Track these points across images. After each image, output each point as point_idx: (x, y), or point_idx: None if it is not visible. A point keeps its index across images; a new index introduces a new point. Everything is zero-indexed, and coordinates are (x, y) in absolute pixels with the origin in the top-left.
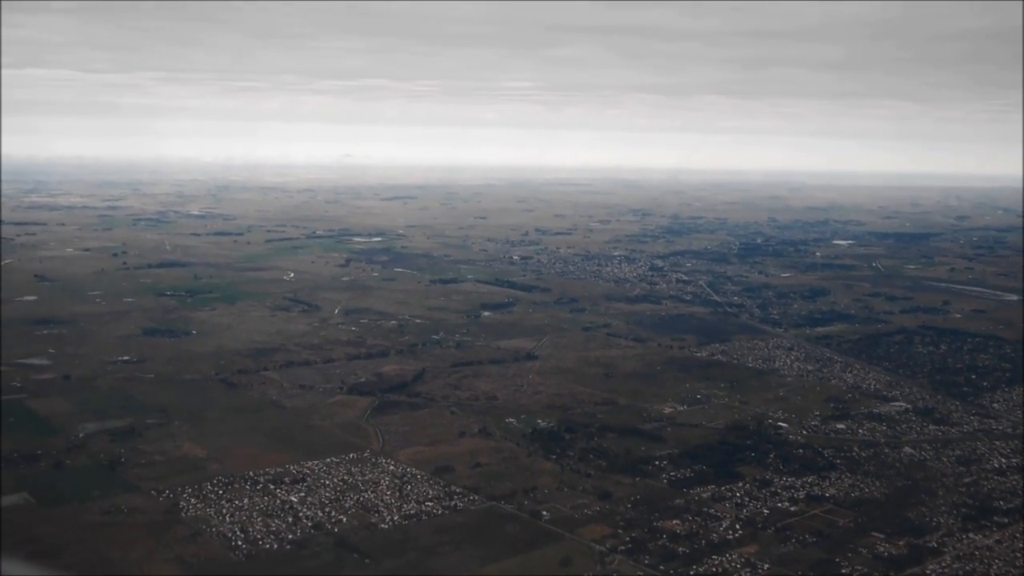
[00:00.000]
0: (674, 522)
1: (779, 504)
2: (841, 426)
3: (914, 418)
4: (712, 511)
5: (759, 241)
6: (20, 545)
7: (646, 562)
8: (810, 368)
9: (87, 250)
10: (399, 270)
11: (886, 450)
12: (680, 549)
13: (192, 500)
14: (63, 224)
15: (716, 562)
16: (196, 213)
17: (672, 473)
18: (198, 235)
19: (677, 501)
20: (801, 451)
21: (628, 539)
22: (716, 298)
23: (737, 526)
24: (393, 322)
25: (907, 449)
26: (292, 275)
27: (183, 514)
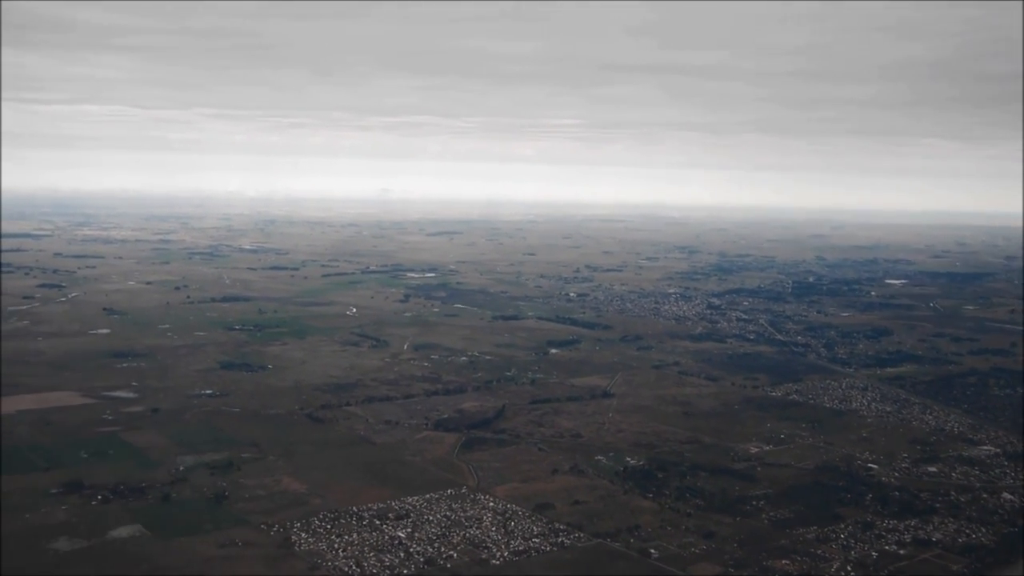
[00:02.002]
0: (783, 562)
1: (886, 547)
2: (933, 469)
3: (1006, 462)
4: (819, 552)
5: (811, 280)
6: None
7: None
8: (888, 409)
9: (149, 283)
10: (459, 306)
11: (984, 495)
12: None
13: (303, 534)
14: (120, 257)
15: None
16: (248, 247)
17: (772, 513)
18: (254, 269)
19: (782, 541)
20: (897, 494)
21: None
22: (780, 337)
23: (848, 568)
24: (464, 358)
25: (1006, 495)
26: (354, 310)
27: (296, 548)
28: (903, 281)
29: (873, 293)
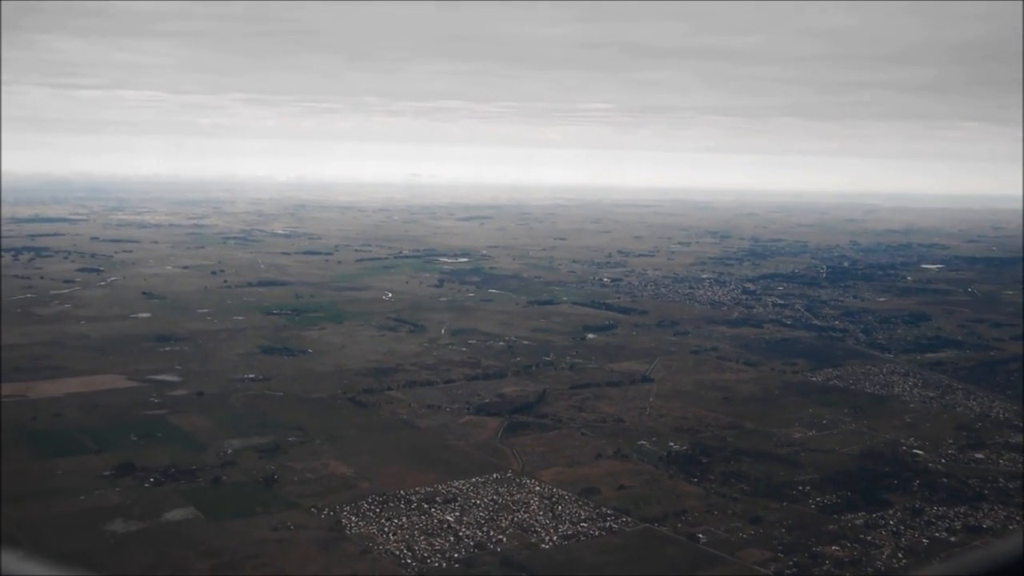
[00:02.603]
0: (833, 548)
1: (936, 534)
2: (980, 456)
3: None
4: (869, 538)
5: (846, 265)
6: (200, 558)
7: None
8: (931, 395)
9: (186, 268)
10: (493, 291)
11: None
12: (847, 575)
13: (353, 518)
14: (156, 242)
15: None
16: (280, 232)
17: (818, 498)
18: (288, 254)
19: (830, 527)
20: (945, 480)
21: (792, 563)
22: (817, 322)
23: (900, 555)
24: (501, 343)
25: None
26: (390, 295)
27: (347, 531)
28: (939, 266)
29: (909, 278)
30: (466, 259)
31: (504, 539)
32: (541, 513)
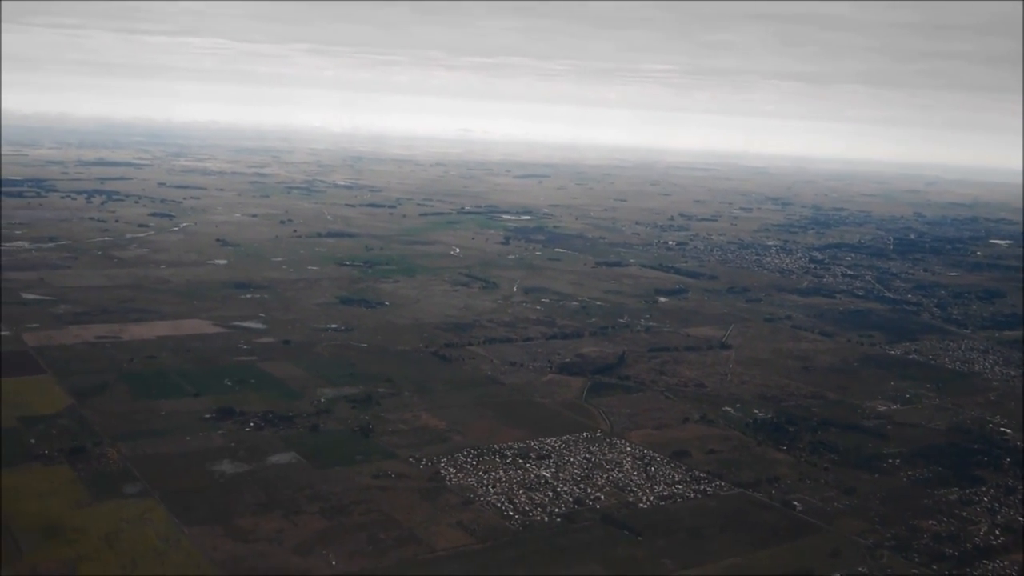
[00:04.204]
0: (930, 522)
1: None
2: None
3: None
4: (964, 514)
5: (912, 237)
6: (309, 501)
7: (916, 560)
8: (1013, 373)
9: (254, 216)
10: (559, 250)
11: None
12: (946, 550)
13: (451, 469)
14: (221, 189)
15: (989, 568)
16: (342, 183)
17: (910, 472)
18: (352, 206)
19: (925, 502)
20: None
21: (890, 536)
22: (889, 295)
23: (996, 532)
24: (574, 303)
25: None
26: (458, 250)
27: (447, 482)
28: (1008, 241)
29: (979, 253)
30: (528, 217)
31: (602, 497)
32: (635, 473)
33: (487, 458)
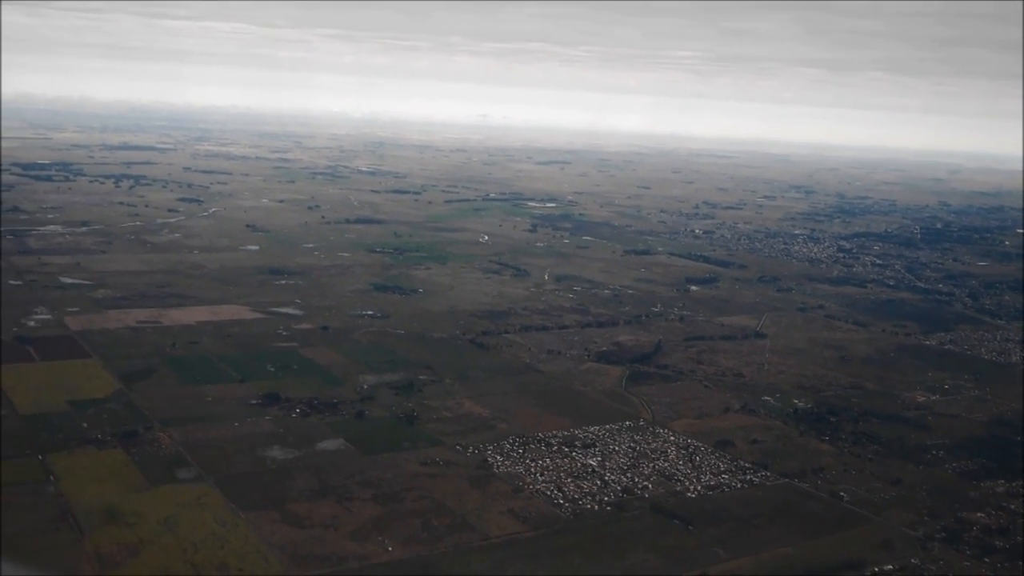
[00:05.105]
0: (978, 515)
1: None
2: None
3: None
4: (1012, 507)
5: (939, 226)
6: (362, 487)
7: (967, 553)
8: None
9: (281, 202)
10: (587, 238)
11: None
12: (997, 543)
13: (498, 457)
14: (247, 175)
15: None
16: (365, 169)
17: (954, 464)
18: (377, 192)
19: (971, 494)
20: None
21: (939, 528)
22: (920, 284)
23: None
24: (606, 291)
25: None
26: (486, 238)
27: (495, 469)
28: None
29: (1007, 243)
30: (553, 204)
31: (650, 486)
32: (681, 462)
33: (533, 446)
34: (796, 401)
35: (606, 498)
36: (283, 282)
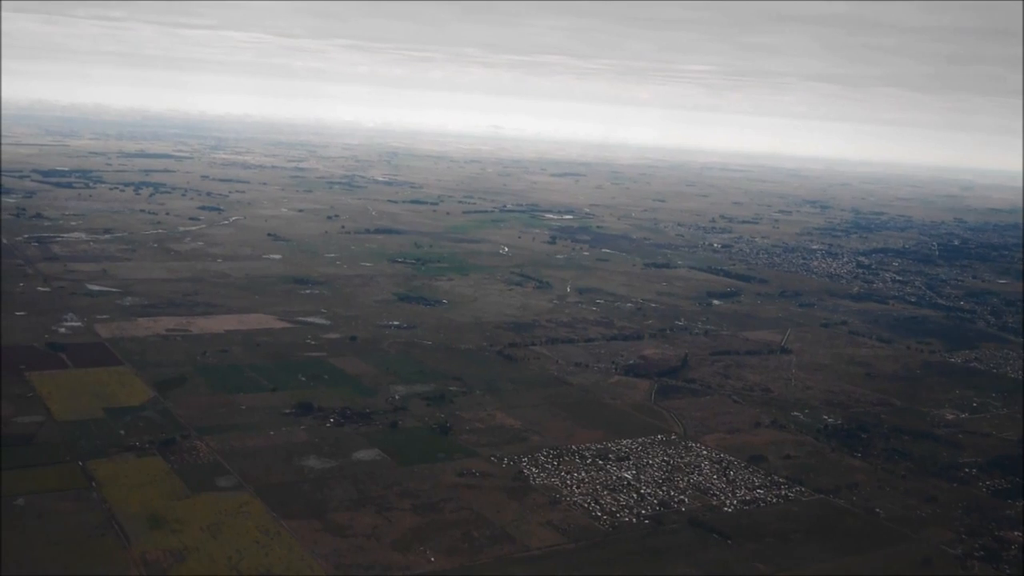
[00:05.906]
0: (1015, 533)
1: None
2: None
3: None
4: None
5: (956, 243)
6: (400, 497)
7: (1008, 571)
8: None
9: (300, 211)
10: (607, 251)
11: None
12: None
13: (533, 469)
14: (264, 184)
15: None
16: (381, 179)
17: (988, 482)
18: (395, 202)
19: (1007, 512)
20: None
21: (978, 546)
22: (942, 301)
23: None
24: (629, 304)
25: None
26: (506, 249)
27: (531, 481)
28: None
29: None
30: (571, 216)
31: (686, 500)
32: (715, 477)
33: (567, 458)
34: (826, 417)
35: (643, 511)
36: (308, 291)
